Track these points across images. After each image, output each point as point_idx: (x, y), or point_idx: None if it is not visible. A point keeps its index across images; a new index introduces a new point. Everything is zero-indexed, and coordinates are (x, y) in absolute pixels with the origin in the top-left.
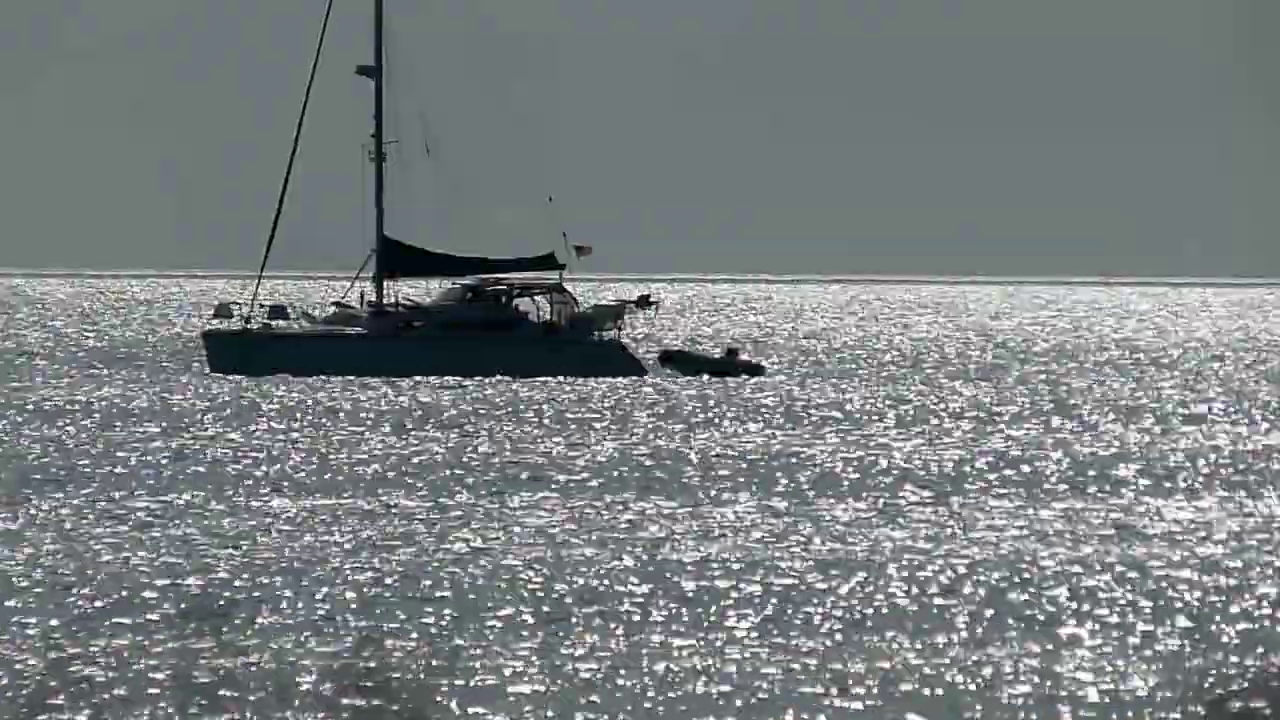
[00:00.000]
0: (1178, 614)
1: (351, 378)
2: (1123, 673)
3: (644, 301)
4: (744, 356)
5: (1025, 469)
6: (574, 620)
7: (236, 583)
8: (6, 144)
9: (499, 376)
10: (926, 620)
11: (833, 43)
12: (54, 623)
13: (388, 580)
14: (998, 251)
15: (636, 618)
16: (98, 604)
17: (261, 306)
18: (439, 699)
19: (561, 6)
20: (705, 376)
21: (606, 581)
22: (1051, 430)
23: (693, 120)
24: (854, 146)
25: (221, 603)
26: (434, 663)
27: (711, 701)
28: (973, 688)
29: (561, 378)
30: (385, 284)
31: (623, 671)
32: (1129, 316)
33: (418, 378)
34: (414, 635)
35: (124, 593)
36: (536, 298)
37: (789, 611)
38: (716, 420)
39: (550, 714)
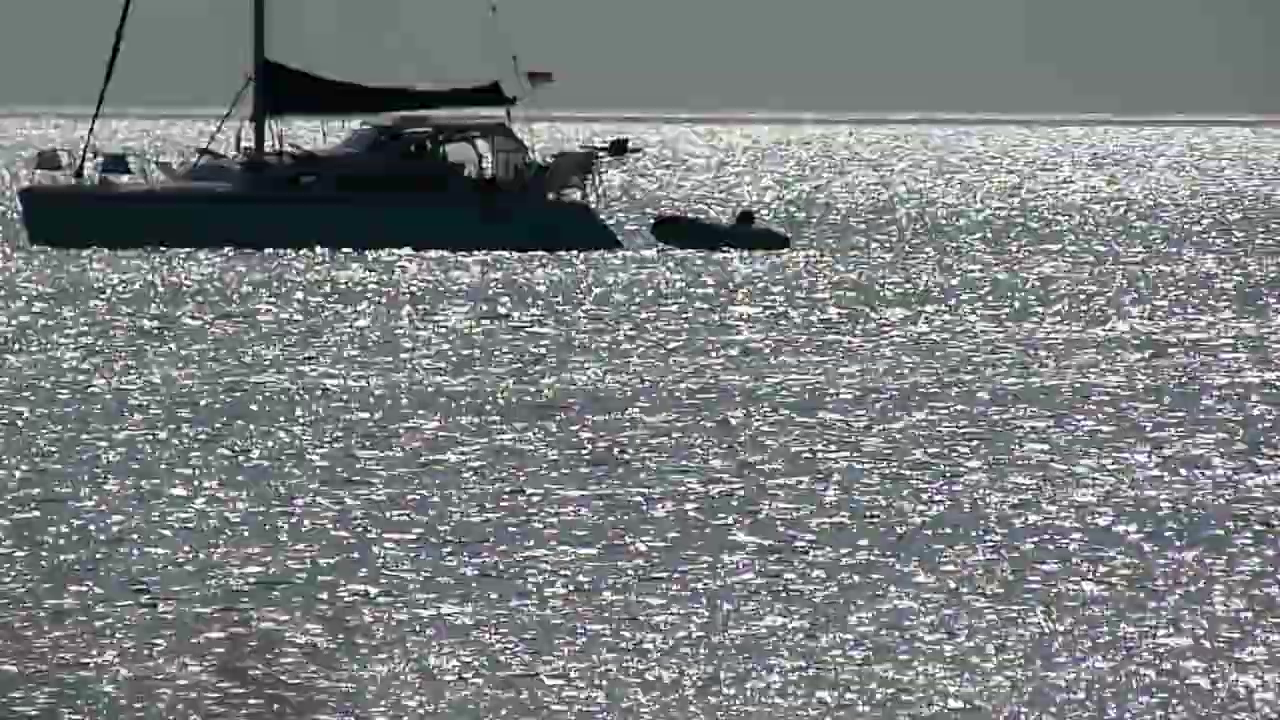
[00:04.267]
0: None
1: (208, 251)
2: None
3: (620, 147)
4: (761, 224)
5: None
6: None
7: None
8: None
9: (417, 250)
10: None
11: None
12: None
13: None
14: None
15: None
16: None
17: (96, 155)
18: None
19: None
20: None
21: None
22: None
23: None
24: None
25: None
26: None
27: None
28: None
29: (505, 252)
30: (268, 125)
31: None
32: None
33: (300, 251)
34: None
35: None
36: (475, 143)
37: None
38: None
39: None
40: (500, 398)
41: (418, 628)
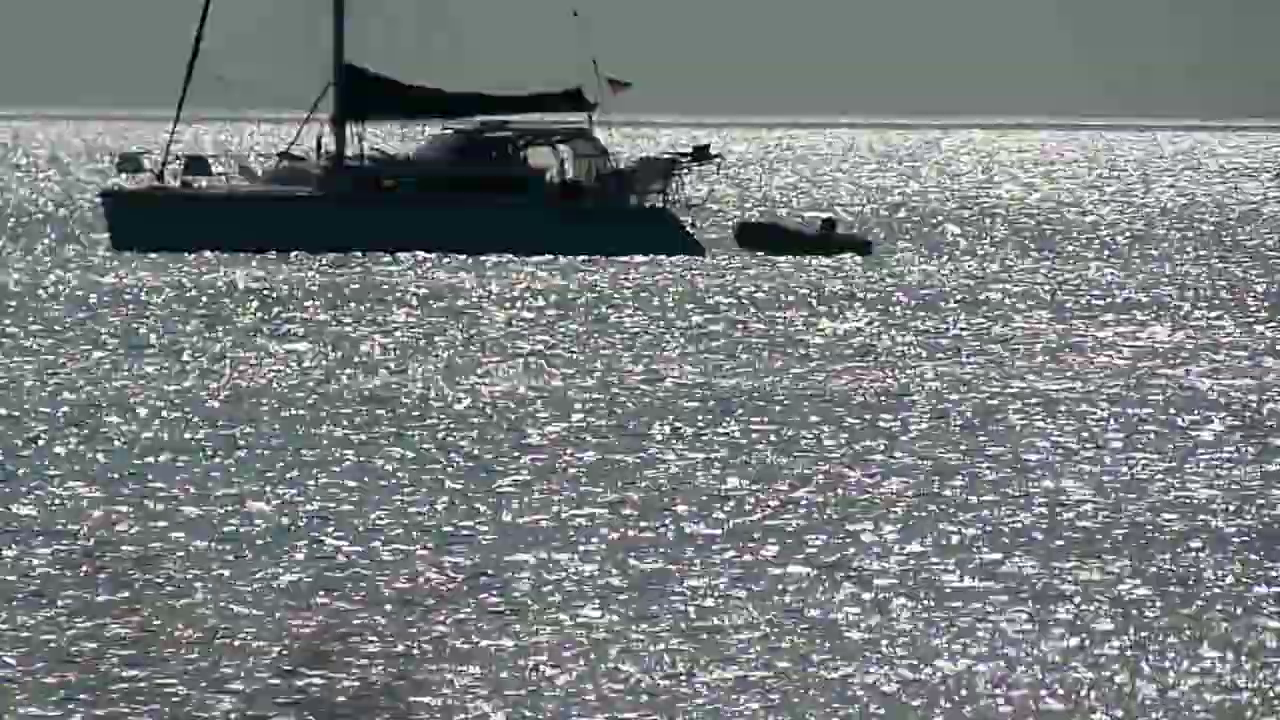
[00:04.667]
0: None
1: (297, 254)
2: None
3: (702, 153)
4: (843, 229)
5: None
6: None
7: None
8: None
9: (498, 255)
10: None
11: None
12: None
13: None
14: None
15: None
16: None
17: (177, 158)
18: None
19: None
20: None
21: None
22: None
23: None
24: None
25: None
26: None
27: None
28: None
29: (585, 256)
30: (349, 129)
31: None
32: None
33: (385, 254)
34: None
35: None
36: (557, 148)
37: None
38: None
39: None
40: (618, 401)
41: (515, 633)
